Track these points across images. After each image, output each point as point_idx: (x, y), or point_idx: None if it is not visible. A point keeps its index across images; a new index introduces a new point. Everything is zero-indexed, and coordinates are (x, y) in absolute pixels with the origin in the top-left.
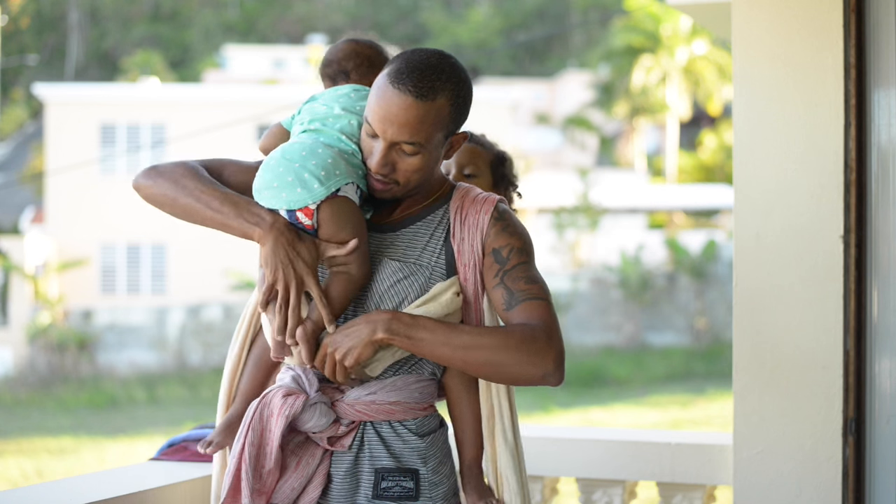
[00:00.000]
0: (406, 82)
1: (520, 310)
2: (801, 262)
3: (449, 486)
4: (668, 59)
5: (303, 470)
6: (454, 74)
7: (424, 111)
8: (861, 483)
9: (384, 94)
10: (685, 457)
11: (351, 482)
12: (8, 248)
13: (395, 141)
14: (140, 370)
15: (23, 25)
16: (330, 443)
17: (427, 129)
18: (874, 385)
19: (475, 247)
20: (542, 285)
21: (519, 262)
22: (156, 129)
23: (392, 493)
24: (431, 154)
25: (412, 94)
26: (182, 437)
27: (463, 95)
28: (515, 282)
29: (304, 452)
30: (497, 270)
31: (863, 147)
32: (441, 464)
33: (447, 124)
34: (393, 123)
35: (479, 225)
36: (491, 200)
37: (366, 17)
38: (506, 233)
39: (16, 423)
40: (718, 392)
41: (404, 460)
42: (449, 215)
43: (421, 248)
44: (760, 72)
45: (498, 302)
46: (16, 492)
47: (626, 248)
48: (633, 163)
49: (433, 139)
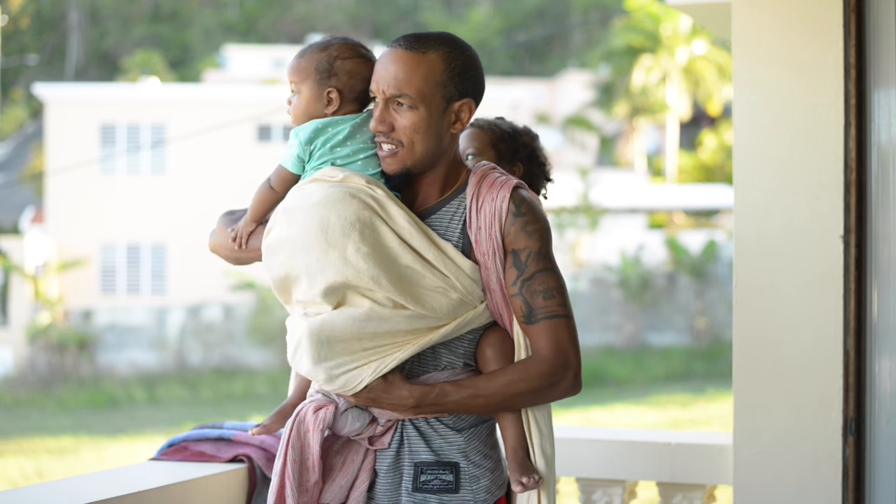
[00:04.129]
0: (399, 40)
1: (540, 330)
2: (801, 262)
3: (493, 479)
4: (668, 59)
5: (348, 468)
6: (450, 40)
7: (414, 62)
8: (861, 483)
9: (381, 56)
10: (685, 457)
11: (394, 477)
12: (8, 248)
13: (389, 95)
14: (140, 370)
15: (23, 25)
16: (371, 442)
17: (417, 81)
18: (874, 385)
19: (494, 237)
20: (559, 297)
21: (537, 270)
22: (156, 129)
23: (432, 486)
24: (430, 113)
25: (402, 47)
26: (182, 437)
27: (460, 59)
28: (534, 296)
29: (349, 452)
30: (515, 277)
31: (863, 147)
32: (485, 457)
33: (443, 82)
34: (385, 77)
35: (497, 213)
36: (508, 186)
37: (366, 17)
38: (524, 232)
39: (16, 423)
40: (718, 392)
41: (443, 454)
42: (465, 203)
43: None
44: (760, 72)
45: (518, 312)
46: (16, 492)
47: (626, 248)
48: (633, 163)
49: (427, 94)
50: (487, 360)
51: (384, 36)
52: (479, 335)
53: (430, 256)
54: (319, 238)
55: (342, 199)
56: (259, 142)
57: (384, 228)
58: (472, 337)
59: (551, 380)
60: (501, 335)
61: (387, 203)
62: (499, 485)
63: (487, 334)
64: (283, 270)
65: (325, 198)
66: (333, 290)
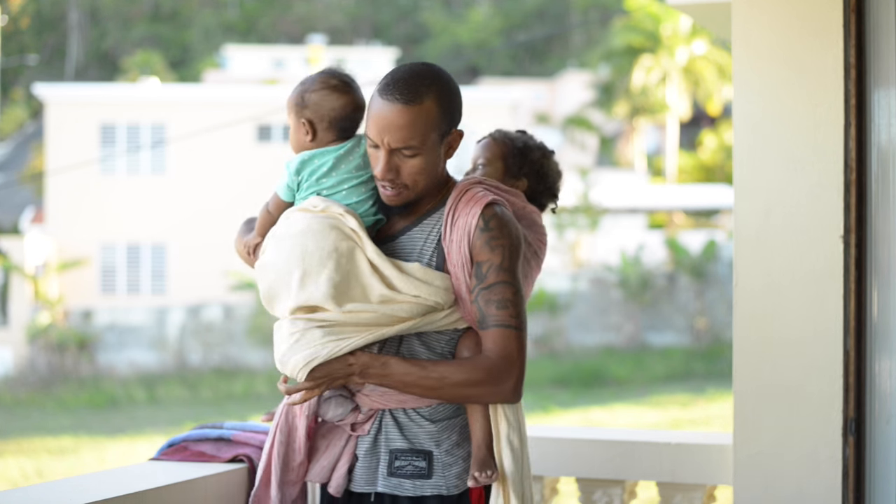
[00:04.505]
0: (393, 92)
1: (489, 335)
2: (801, 262)
3: (465, 467)
4: (668, 59)
5: (331, 451)
6: (437, 79)
7: (414, 115)
8: (861, 483)
9: (377, 107)
10: (685, 457)
11: (371, 461)
12: (8, 248)
13: (394, 147)
14: (140, 370)
15: (23, 25)
16: (353, 428)
17: (420, 131)
18: (874, 385)
19: (463, 249)
20: (513, 309)
21: (495, 282)
22: (156, 129)
23: (405, 472)
24: (430, 154)
25: (400, 102)
26: (182, 437)
27: (448, 97)
28: (488, 304)
29: (332, 437)
30: (475, 286)
31: (863, 147)
32: (457, 446)
33: (438, 124)
34: (388, 131)
35: (466, 227)
36: (481, 203)
37: (366, 17)
38: (488, 246)
39: (16, 423)
40: (718, 392)
41: (417, 442)
42: (443, 218)
43: (417, 252)
44: (760, 72)
45: (472, 317)
46: (16, 492)
47: (626, 248)
48: (633, 163)
49: (428, 140)
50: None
51: (384, 36)
52: (458, 336)
53: (398, 284)
54: (299, 265)
55: (322, 230)
56: (259, 142)
57: (360, 257)
58: (451, 338)
59: (493, 378)
60: (478, 339)
61: (362, 234)
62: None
63: (465, 337)
64: (270, 289)
65: (307, 228)
66: (307, 308)
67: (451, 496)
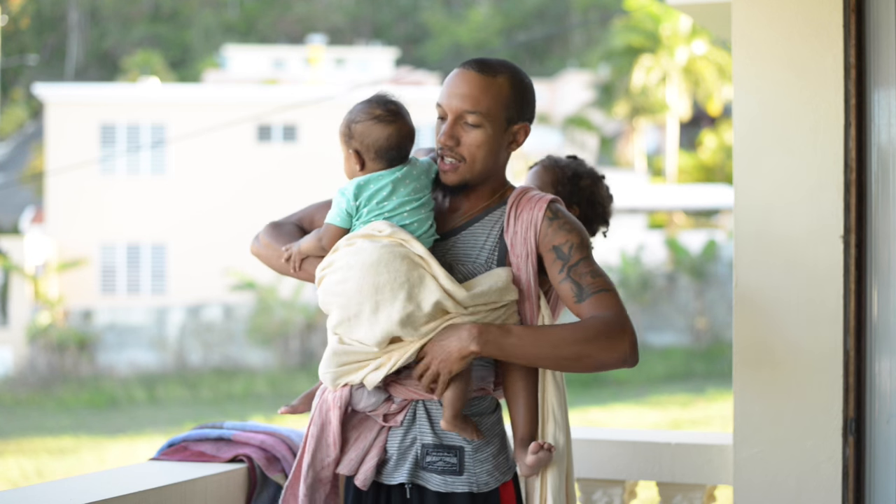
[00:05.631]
0: (470, 64)
1: (591, 302)
2: (801, 262)
3: (495, 464)
4: (668, 59)
5: (360, 443)
6: (514, 68)
7: (486, 83)
8: (861, 483)
9: (452, 77)
10: (685, 457)
11: (402, 455)
12: (8, 248)
13: (460, 111)
14: (140, 370)
15: (23, 25)
16: (385, 419)
17: (488, 100)
18: (874, 385)
19: (528, 241)
20: (606, 278)
21: (581, 258)
22: (156, 129)
23: (436, 467)
24: (494, 132)
25: (475, 70)
26: (182, 437)
27: (522, 85)
28: (582, 276)
29: (363, 428)
30: (561, 266)
31: (863, 147)
32: (487, 443)
33: (508, 105)
34: (457, 95)
35: (532, 220)
36: (545, 199)
37: (366, 17)
38: (563, 230)
39: (16, 423)
40: (718, 392)
41: (448, 438)
42: (505, 213)
43: (479, 247)
44: (760, 72)
45: (568, 295)
46: (16, 492)
47: (626, 248)
48: (633, 163)
49: (494, 114)
50: (510, 370)
51: (384, 36)
52: None
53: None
54: (371, 296)
55: (391, 260)
56: (259, 142)
57: (431, 283)
58: None
59: (608, 334)
60: None
61: (430, 260)
62: (502, 470)
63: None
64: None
65: (378, 259)
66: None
67: (481, 493)
